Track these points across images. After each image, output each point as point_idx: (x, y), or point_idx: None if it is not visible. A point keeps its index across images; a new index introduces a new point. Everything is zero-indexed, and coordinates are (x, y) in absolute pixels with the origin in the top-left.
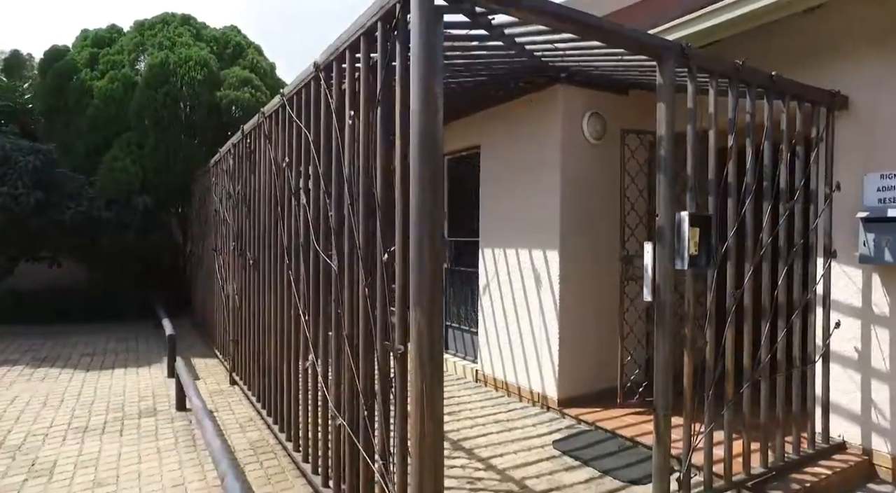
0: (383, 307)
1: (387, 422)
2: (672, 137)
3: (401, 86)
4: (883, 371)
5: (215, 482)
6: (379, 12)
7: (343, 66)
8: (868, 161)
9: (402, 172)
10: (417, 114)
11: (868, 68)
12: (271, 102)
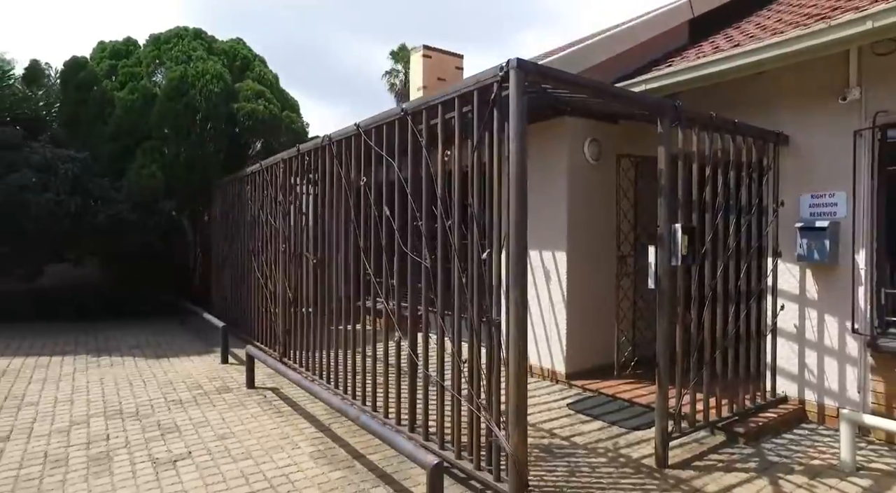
0: (480, 291)
1: (489, 372)
2: (669, 170)
3: (497, 136)
4: (813, 342)
5: (314, 434)
6: (476, 85)
7: (434, 116)
8: (803, 184)
9: (498, 196)
10: (515, 155)
11: (799, 115)
12: (343, 129)
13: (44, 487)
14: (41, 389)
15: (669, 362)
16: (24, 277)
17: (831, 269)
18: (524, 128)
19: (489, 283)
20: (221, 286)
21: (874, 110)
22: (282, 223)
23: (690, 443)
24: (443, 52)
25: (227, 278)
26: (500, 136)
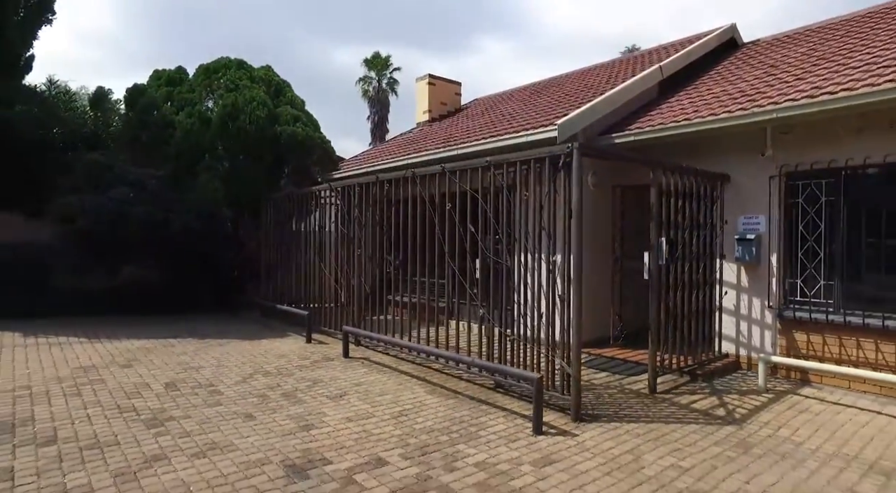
0: (552, 283)
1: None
2: (658, 205)
3: (564, 188)
4: (744, 315)
5: (417, 383)
6: (546, 158)
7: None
8: (739, 210)
9: (567, 225)
10: (576, 201)
11: (737, 163)
12: (428, 167)
13: (269, 405)
14: (196, 357)
15: (657, 330)
16: (104, 276)
17: (756, 266)
18: (581, 182)
19: (563, 276)
20: (276, 284)
21: (781, 164)
22: (358, 232)
23: (668, 381)
24: (444, 80)
25: (285, 277)
26: (568, 184)
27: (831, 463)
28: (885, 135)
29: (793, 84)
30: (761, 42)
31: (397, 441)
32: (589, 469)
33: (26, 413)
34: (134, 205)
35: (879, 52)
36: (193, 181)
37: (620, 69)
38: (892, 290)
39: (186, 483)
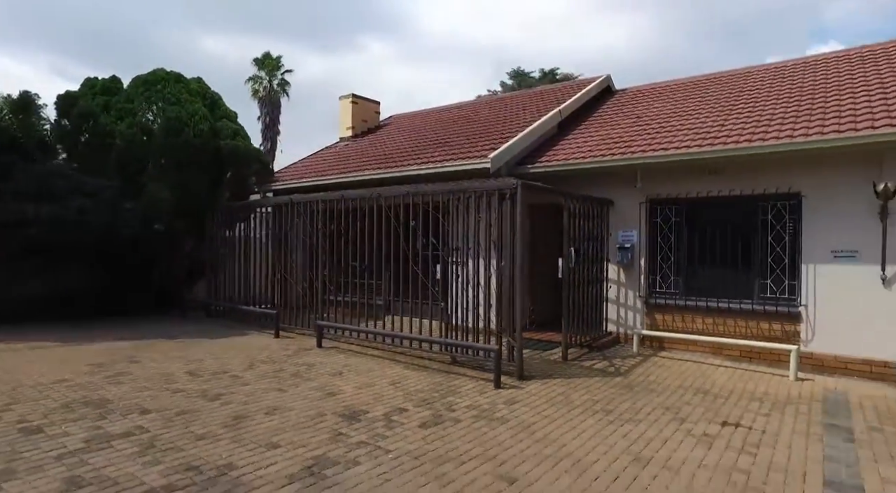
0: (500, 282)
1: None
2: (569, 225)
3: (510, 212)
4: (622, 303)
5: (390, 363)
6: (496, 190)
7: (468, 199)
8: (619, 226)
9: (512, 239)
10: (520, 223)
11: (618, 191)
12: (393, 189)
13: (288, 383)
14: (188, 353)
15: (568, 316)
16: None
17: (631, 268)
18: (524, 208)
19: (510, 276)
20: (226, 288)
21: (647, 194)
22: (322, 242)
23: (574, 352)
24: (366, 99)
25: (235, 281)
26: (513, 209)
27: (677, 391)
28: (707, 178)
29: (654, 135)
30: (629, 91)
31: (403, 398)
32: (539, 404)
33: (95, 396)
34: (90, 213)
35: (704, 119)
36: (138, 190)
37: (524, 103)
38: (713, 283)
39: (280, 429)
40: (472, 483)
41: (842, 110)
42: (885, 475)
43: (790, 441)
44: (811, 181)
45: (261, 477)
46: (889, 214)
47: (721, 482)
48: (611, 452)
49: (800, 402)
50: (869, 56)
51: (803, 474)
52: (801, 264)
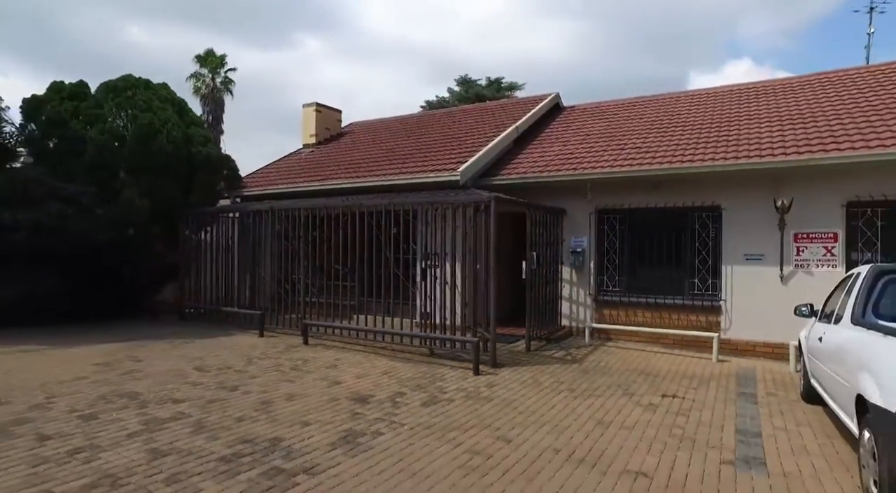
0: (475, 279)
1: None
2: (531, 233)
3: (481, 224)
4: (575, 300)
5: (376, 357)
6: (472, 203)
7: (439, 209)
8: (572, 232)
9: (486, 246)
10: (494, 232)
11: (572, 202)
12: (373, 200)
13: (292, 375)
14: (185, 352)
15: (530, 312)
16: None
17: (581, 269)
18: (496, 219)
19: (484, 278)
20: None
21: (595, 204)
22: (304, 247)
23: (535, 344)
24: (328, 108)
25: (213, 284)
26: (487, 219)
27: (625, 373)
28: (647, 191)
29: (601, 153)
30: (576, 109)
31: (399, 385)
32: (514, 386)
33: (123, 390)
34: (70, 219)
35: (644, 140)
36: (111, 196)
37: (480, 116)
38: (651, 282)
39: (305, 411)
40: (477, 444)
41: (750, 138)
42: (775, 424)
43: (713, 406)
44: (729, 197)
45: (307, 445)
46: (786, 225)
47: (665, 435)
48: (579, 418)
49: (720, 378)
50: (771, 90)
51: (721, 426)
52: (721, 265)
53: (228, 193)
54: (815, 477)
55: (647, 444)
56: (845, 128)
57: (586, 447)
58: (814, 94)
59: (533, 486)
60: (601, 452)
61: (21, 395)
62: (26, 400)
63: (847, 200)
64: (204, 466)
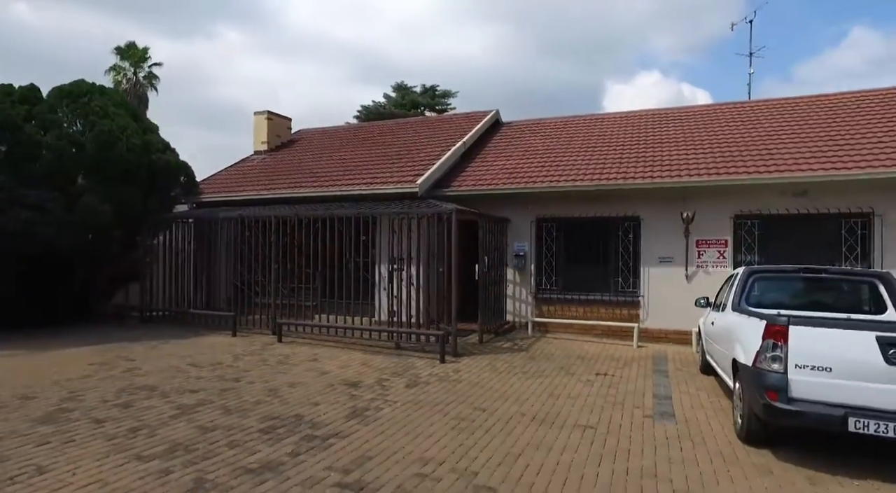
0: (437, 281)
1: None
2: (483, 239)
3: (444, 232)
4: (518, 298)
5: (350, 350)
6: (435, 214)
7: (405, 220)
8: (515, 238)
9: (448, 251)
10: (455, 239)
11: (515, 212)
12: (344, 209)
13: (281, 368)
14: (172, 351)
15: (482, 309)
16: None
17: (524, 271)
18: (457, 227)
19: (446, 280)
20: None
21: (535, 214)
22: (275, 252)
23: (486, 338)
24: (279, 116)
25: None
26: (449, 228)
27: (564, 358)
28: (579, 203)
29: (539, 169)
30: (514, 125)
31: (379, 373)
32: (476, 370)
33: (136, 384)
34: (38, 225)
35: (575, 157)
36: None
37: (428, 129)
38: (583, 281)
39: (309, 395)
40: (461, 413)
41: (664, 160)
42: (681, 390)
43: (635, 380)
44: (646, 209)
45: (325, 419)
46: (690, 233)
47: (601, 401)
48: (534, 393)
49: (640, 359)
50: (684, 116)
51: (643, 393)
52: (640, 266)
53: (185, 198)
54: (707, 422)
55: (588, 408)
56: (733, 156)
57: (544, 411)
58: (717, 122)
59: (511, 438)
60: (556, 414)
61: (42, 391)
62: (52, 395)
63: (734, 213)
64: (249, 436)
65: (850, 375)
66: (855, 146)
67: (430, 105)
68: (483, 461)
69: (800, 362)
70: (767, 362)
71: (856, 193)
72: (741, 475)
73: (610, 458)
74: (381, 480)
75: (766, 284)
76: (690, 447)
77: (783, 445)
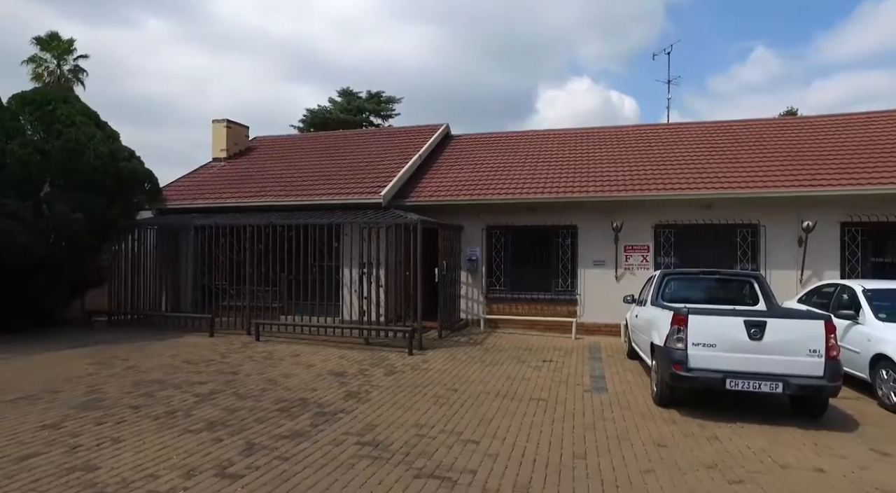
0: (405, 282)
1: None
2: (442, 245)
3: (410, 240)
4: (471, 298)
5: (325, 347)
6: (402, 224)
7: (374, 229)
8: (468, 244)
9: (414, 258)
10: (419, 245)
11: (468, 220)
12: (319, 218)
13: (269, 363)
14: (161, 352)
15: (442, 308)
16: None
17: (475, 273)
18: (421, 236)
19: (412, 283)
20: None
21: (486, 222)
22: (250, 258)
23: (445, 333)
24: (238, 124)
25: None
26: (415, 237)
27: (514, 349)
28: (525, 213)
29: (488, 182)
30: (462, 138)
31: (358, 364)
32: (441, 360)
33: (146, 379)
34: (17, 234)
35: (520, 172)
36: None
37: (383, 140)
38: (528, 282)
39: (305, 382)
40: (437, 393)
41: (597, 176)
42: (612, 371)
43: (575, 365)
44: (582, 219)
45: (327, 400)
46: (619, 240)
47: (549, 381)
48: (494, 376)
49: (578, 349)
50: (616, 135)
51: (582, 374)
52: (577, 268)
53: (150, 205)
54: (631, 393)
55: (539, 386)
56: (654, 174)
57: (505, 389)
58: (641, 143)
59: (482, 408)
60: (515, 391)
61: (62, 386)
62: (74, 389)
63: (655, 223)
64: (270, 414)
65: (727, 349)
66: (748, 169)
67: (375, 111)
68: (464, 425)
69: (695, 341)
70: (674, 342)
71: (747, 208)
72: (654, 425)
73: (560, 419)
74: (389, 439)
75: (676, 283)
76: (619, 410)
77: (684, 406)
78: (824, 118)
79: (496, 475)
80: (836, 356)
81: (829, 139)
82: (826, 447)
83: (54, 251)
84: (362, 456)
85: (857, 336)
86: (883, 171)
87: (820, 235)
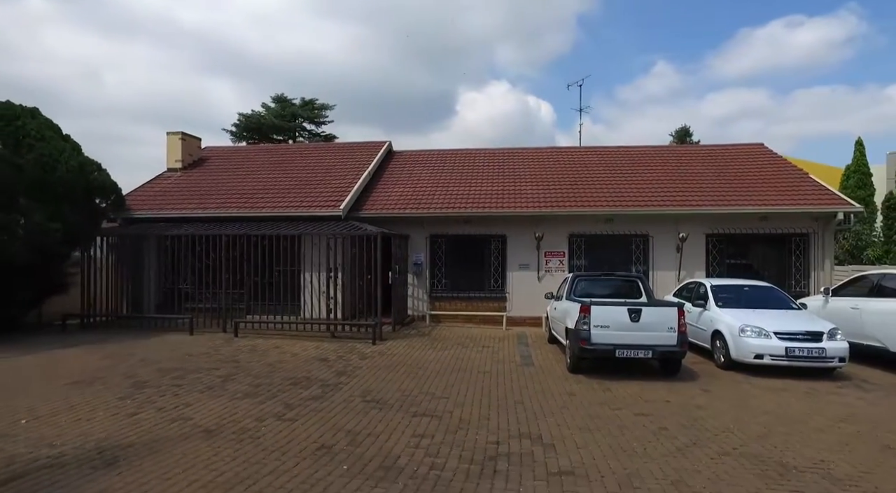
0: (367, 284)
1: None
2: (395, 252)
3: (371, 249)
4: (417, 298)
5: (306, 340)
6: (364, 235)
7: (340, 239)
8: (414, 250)
9: (374, 264)
10: (379, 255)
11: (413, 230)
12: (285, 230)
13: (256, 354)
14: (157, 348)
15: (395, 306)
16: None
17: (421, 276)
18: (380, 245)
19: (373, 283)
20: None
21: (429, 231)
22: (226, 264)
23: (398, 327)
24: (191, 136)
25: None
26: (375, 246)
27: (457, 339)
28: (462, 224)
29: (430, 197)
30: (404, 154)
31: (334, 352)
32: (400, 348)
33: (165, 367)
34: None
35: (457, 187)
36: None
37: (334, 155)
38: (466, 282)
39: (299, 367)
40: (407, 369)
41: (523, 192)
42: (537, 352)
43: (508, 349)
44: (510, 229)
45: (325, 377)
46: (540, 247)
47: (489, 359)
48: (446, 358)
49: (509, 338)
50: (539, 155)
51: (514, 355)
52: (507, 271)
53: (115, 214)
54: (551, 366)
55: (483, 363)
56: (568, 191)
57: (457, 366)
58: (559, 163)
59: (444, 378)
60: (465, 367)
61: (98, 375)
62: (112, 377)
63: (569, 233)
64: (286, 387)
65: (617, 328)
66: (642, 189)
67: (309, 117)
68: (435, 388)
69: (595, 323)
70: (581, 325)
71: (640, 221)
72: (567, 383)
73: (502, 384)
74: (385, 398)
75: (584, 283)
76: (543, 376)
77: (588, 372)
78: (698, 148)
79: (465, 413)
80: (684, 331)
81: (701, 166)
82: (674, 389)
83: (31, 259)
84: (370, 408)
85: (705, 318)
86: (735, 195)
87: (692, 244)
